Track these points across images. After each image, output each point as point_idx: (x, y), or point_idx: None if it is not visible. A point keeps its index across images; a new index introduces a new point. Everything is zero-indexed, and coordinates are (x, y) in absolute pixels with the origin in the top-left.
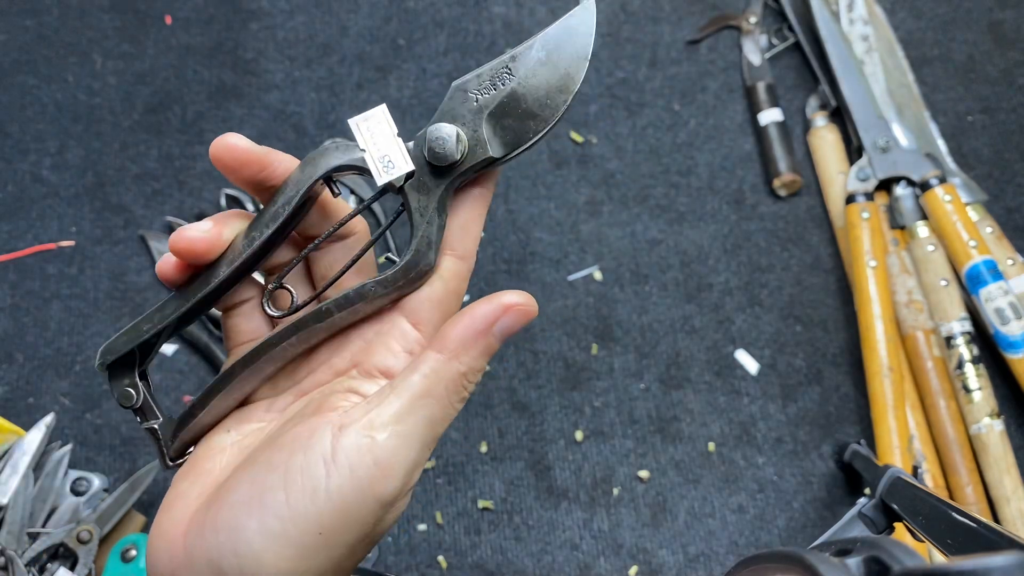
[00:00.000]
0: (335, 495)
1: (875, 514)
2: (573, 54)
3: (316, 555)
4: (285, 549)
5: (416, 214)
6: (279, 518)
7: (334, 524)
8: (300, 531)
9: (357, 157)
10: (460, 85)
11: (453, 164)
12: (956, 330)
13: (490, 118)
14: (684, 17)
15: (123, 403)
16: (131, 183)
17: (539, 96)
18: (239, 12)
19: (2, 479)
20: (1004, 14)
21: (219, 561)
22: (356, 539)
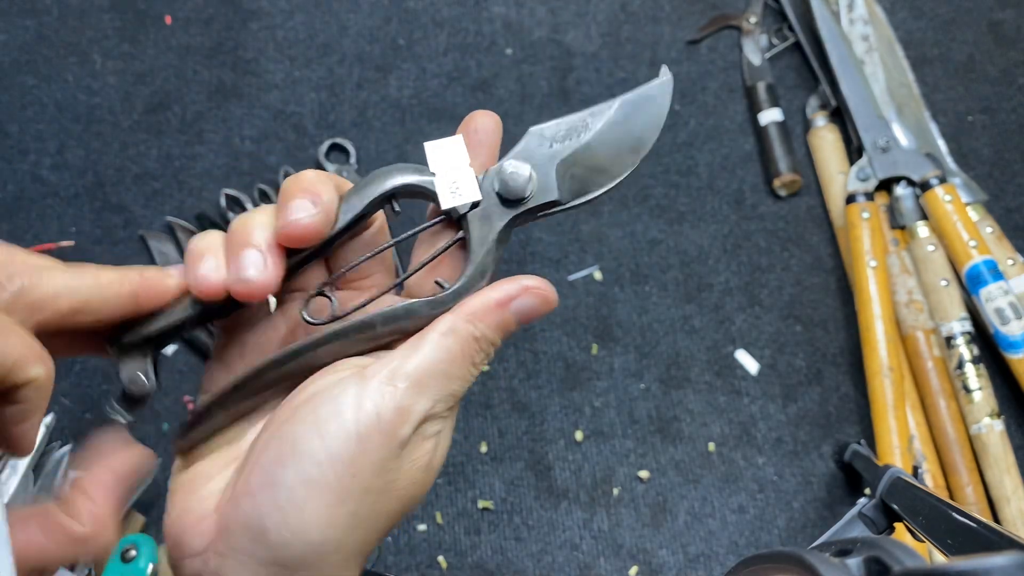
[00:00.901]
0: (365, 438)
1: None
2: (648, 120)
3: (354, 500)
4: (325, 494)
5: (476, 243)
6: (316, 463)
7: (366, 467)
8: (337, 474)
9: (427, 179)
10: (537, 131)
11: (522, 199)
12: (956, 330)
13: (561, 165)
14: (684, 17)
15: (130, 387)
16: (131, 183)
17: (611, 153)
18: (239, 12)
19: (2, 479)
20: (1004, 14)
21: (261, 521)
22: (385, 484)
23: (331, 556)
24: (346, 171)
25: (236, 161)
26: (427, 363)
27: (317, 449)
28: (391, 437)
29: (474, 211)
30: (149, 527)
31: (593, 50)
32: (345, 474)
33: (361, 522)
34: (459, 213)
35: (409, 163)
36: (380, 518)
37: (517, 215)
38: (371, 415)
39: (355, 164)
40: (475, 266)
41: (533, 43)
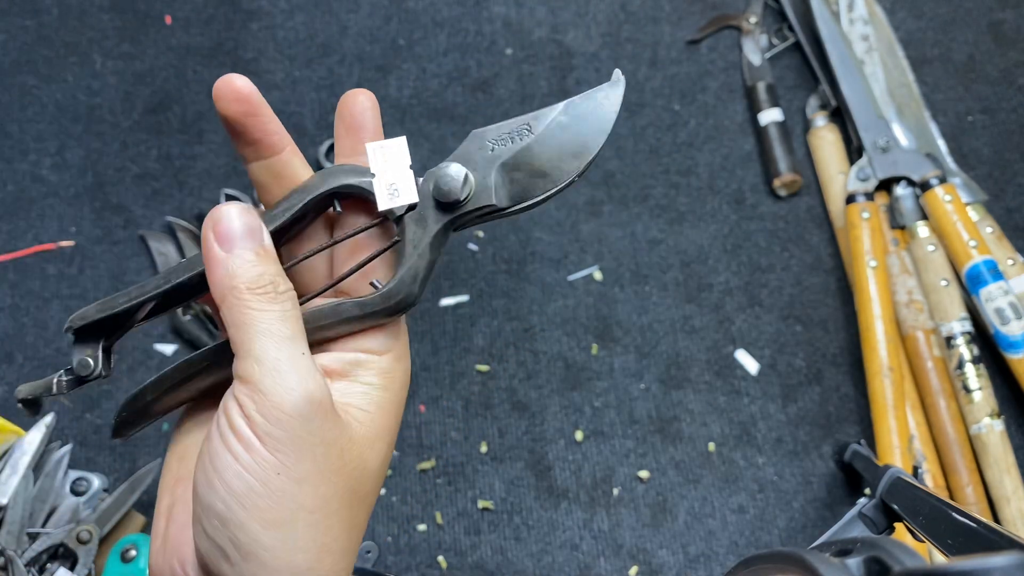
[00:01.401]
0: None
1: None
2: (595, 124)
3: (285, 496)
4: (255, 500)
5: (409, 245)
6: (234, 473)
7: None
8: (253, 477)
9: (365, 180)
10: (479, 133)
11: (457, 202)
12: (956, 330)
13: (501, 168)
14: (684, 17)
15: (80, 371)
16: (131, 183)
17: (552, 157)
18: (239, 12)
19: (2, 479)
20: (1004, 14)
21: (218, 544)
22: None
23: (301, 556)
24: None
25: (236, 161)
26: (236, 343)
27: (227, 461)
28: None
29: (411, 213)
30: (149, 527)
31: (593, 50)
32: (268, 477)
33: (314, 515)
34: (396, 215)
35: (352, 164)
36: (335, 502)
37: (453, 218)
38: (228, 426)
39: None
40: (406, 268)
41: (533, 43)
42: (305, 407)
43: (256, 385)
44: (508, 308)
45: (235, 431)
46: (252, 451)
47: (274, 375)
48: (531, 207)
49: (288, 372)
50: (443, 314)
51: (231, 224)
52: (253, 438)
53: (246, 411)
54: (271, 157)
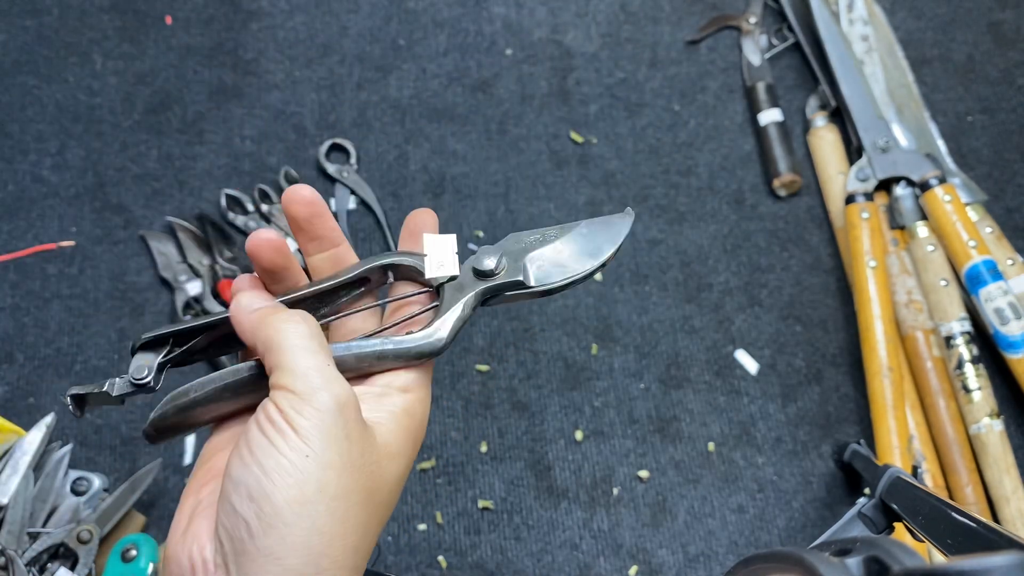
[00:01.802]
0: (297, 423)
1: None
2: (608, 237)
3: (315, 473)
4: (284, 477)
5: (445, 305)
6: (267, 453)
7: (314, 445)
8: (287, 458)
9: (417, 258)
10: (515, 235)
11: (491, 272)
12: (956, 330)
13: (531, 259)
14: (684, 17)
15: (135, 375)
16: (131, 183)
17: (573, 255)
18: (239, 12)
19: (2, 479)
20: (1004, 14)
21: (244, 518)
22: (340, 459)
23: (316, 541)
24: (346, 171)
25: (236, 161)
26: (293, 372)
27: (262, 442)
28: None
29: (451, 283)
30: (149, 527)
31: (593, 50)
32: (297, 455)
33: (337, 503)
34: (438, 282)
35: (406, 250)
36: (355, 497)
37: (486, 287)
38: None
39: (355, 164)
40: (439, 321)
41: (533, 43)
42: (332, 404)
43: (290, 389)
44: (508, 308)
45: (271, 422)
46: (285, 436)
47: (305, 379)
48: (551, 291)
49: (317, 377)
50: None
51: (239, 284)
52: (286, 426)
53: (281, 408)
54: (331, 250)
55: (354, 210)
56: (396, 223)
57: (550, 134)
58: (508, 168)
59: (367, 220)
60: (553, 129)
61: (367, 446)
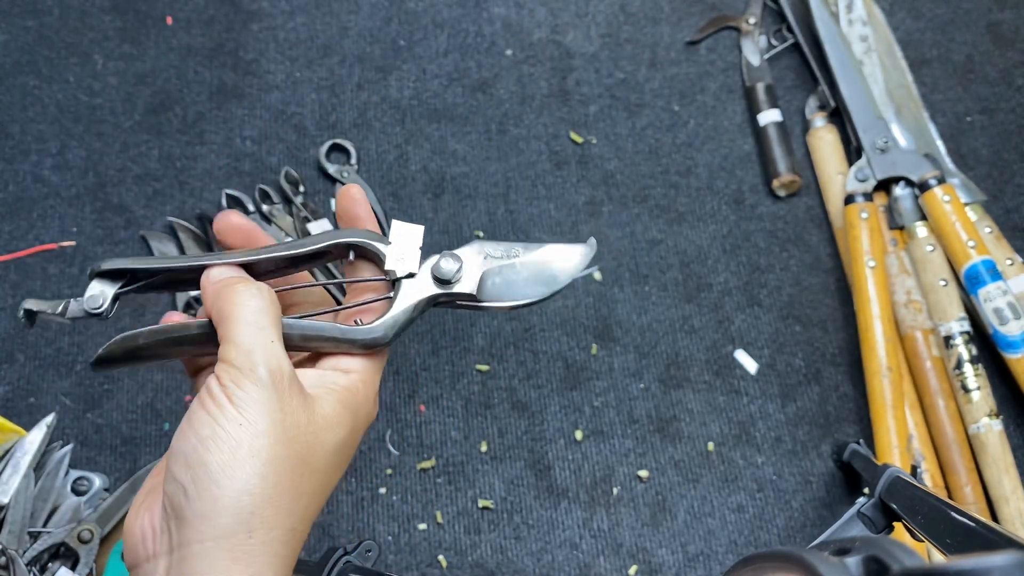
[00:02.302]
0: (232, 393)
1: (874, 513)
2: (565, 267)
3: (245, 440)
4: (215, 443)
5: (398, 302)
6: (201, 422)
7: (246, 414)
8: (218, 428)
9: (382, 245)
10: (479, 244)
11: (447, 281)
12: (955, 330)
13: (487, 273)
14: (683, 18)
15: (89, 305)
16: (132, 183)
17: (529, 278)
18: (240, 13)
19: (3, 479)
20: (1003, 15)
21: (181, 483)
22: (270, 426)
23: (248, 503)
24: (347, 171)
25: (237, 161)
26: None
27: (200, 415)
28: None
29: (408, 280)
30: None
31: (593, 51)
32: (228, 425)
33: (268, 468)
34: (395, 276)
35: (374, 232)
36: (288, 464)
37: (439, 294)
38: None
39: (355, 164)
40: (389, 317)
41: (533, 44)
42: (267, 377)
43: (232, 362)
44: None
45: (212, 396)
46: (221, 407)
47: (248, 355)
48: (499, 308)
49: (257, 351)
50: (443, 314)
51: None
52: (224, 400)
53: (221, 381)
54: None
55: None
56: None
57: (550, 134)
58: (508, 168)
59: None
60: (553, 129)
61: (303, 417)
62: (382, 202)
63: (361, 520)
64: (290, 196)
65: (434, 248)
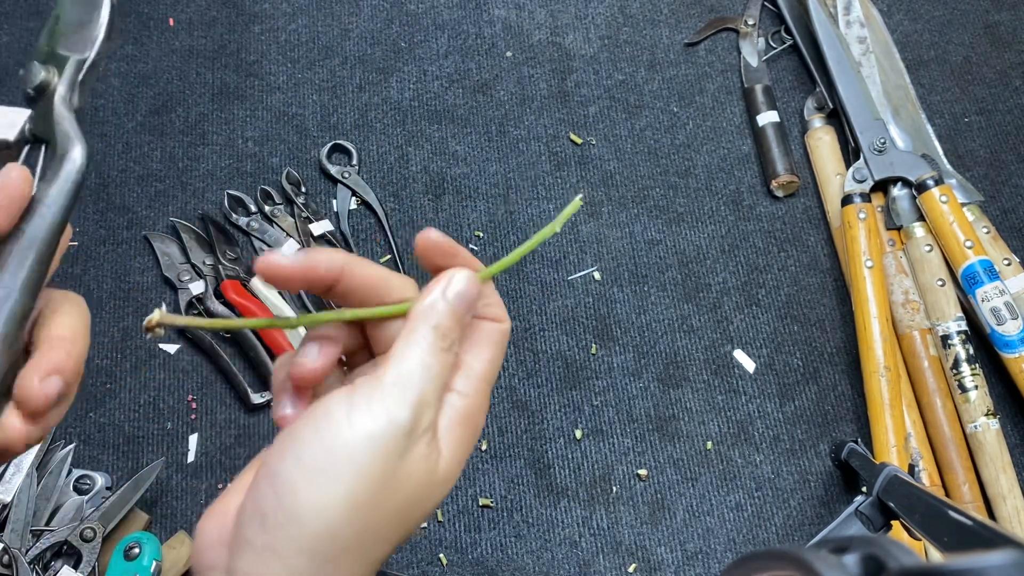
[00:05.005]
0: (358, 425)
1: (872, 512)
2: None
3: (349, 487)
4: (317, 476)
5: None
6: (311, 450)
7: (360, 453)
8: (331, 459)
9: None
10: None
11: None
12: (952, 330)
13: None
14: (682, 19)
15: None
16: (134, 184)
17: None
18: (242, 15)
19: (6, 477)
20: (1000, 16)
21: (260, 507)
22: (384, 473)
23: (328, 547)
24: (348, 172)
25: (239, 162)
26: (404, 369)
27: (311, 439)
28: (387, 424)
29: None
30: (153, 525)
31: (592, 52)
32: (339, 459)
33: (361, 514)
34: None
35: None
36: (382, 515)
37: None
38: (362, 409)
39: (356, 165)
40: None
41: (533, 46)
42: (408, 418)
43: (384, 385)
44: (508, 307)
45: (330, 419)
46: (337, 437)
47: (403, 388)
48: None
49: (414, 386)
50: None
51: (472, 292)
52: (346, 427)
53: (354, 404)
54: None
55: (355, 211)
56: (397, 224)
57: (550, 135)
58: (508, 169)
59: (368, 221)
60: (553, 130)
61: (421, 471)
62: (383, 203)
63: None
64: (292, 197)
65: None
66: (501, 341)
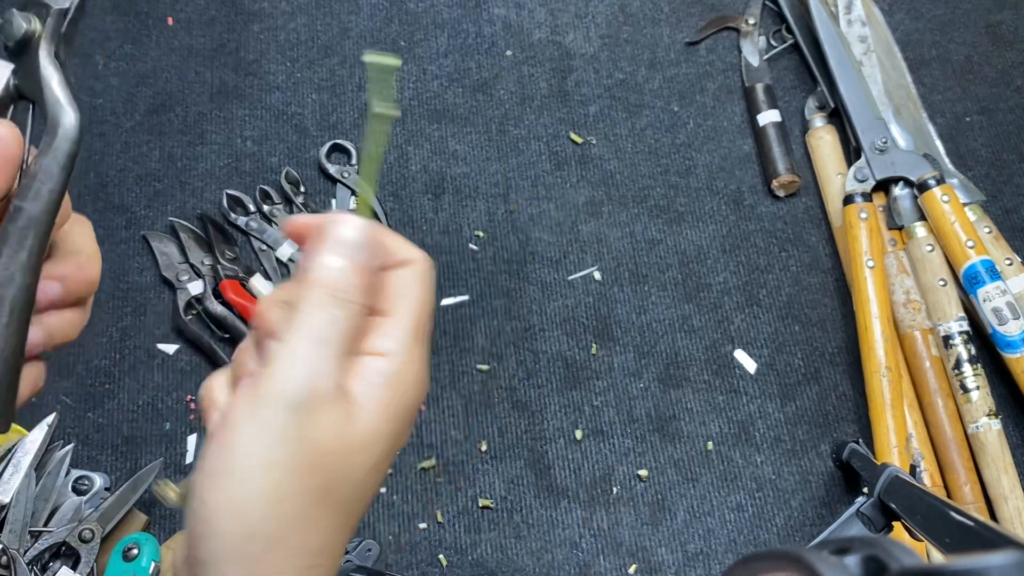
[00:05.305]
0: (246, 417)
1: (873, 513)
2: None
3: (250, 477)
4: (220, 480)
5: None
6: (211, 456)
7: (254, 444)
8: (229, 459)
9: None
10: None
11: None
12: (954, 330)
13: None
14: (683, 18)
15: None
16: (133, 184)
17: None
18: (241, 13)
19: (4, 478)
20: (1002, 15)
21: (190, 526)
22: (288, 457)
23: (252, 547)
24: (347, 171)
25: (238, 162)
26: (291, 343)
27: (211, 443)
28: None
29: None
30: (151, 526)
31: (592, 52)
32: (237, 456)
33: (277, 506)
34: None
35: None
36: (304, 499)
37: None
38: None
39: (356, 164)
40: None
41: (533, 45)
42: (293, 398)
43: (268, 356)
44: (508, 308)
45: (224, 420)
46: (228, 434)
47: (289, 355)
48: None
49: (301, 359)
50: (444, 314)
51: (353, 236)
52: (234, 424)
53: (236, 402)
54: None
55: (355, 210)
56: (397, 223)
57: (550, 135)
58: (508, 168)
59: None
60: (553, 130)
61: (333, 442)
62: (382, 202)
63: (362, 519)
64: (291, 196)
65: (433, 249)
66: (419, 283)
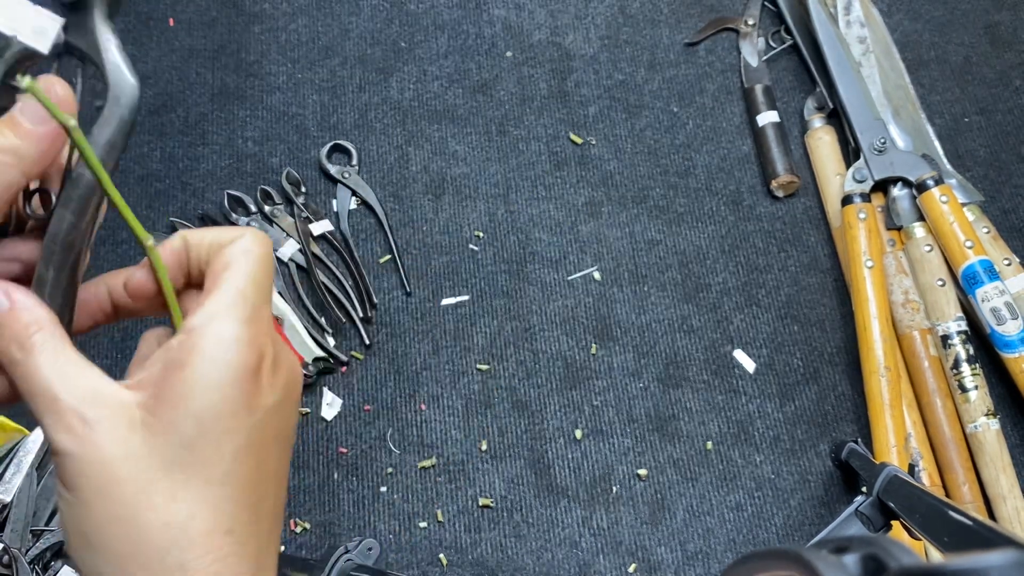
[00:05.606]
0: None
1: (872, 512)
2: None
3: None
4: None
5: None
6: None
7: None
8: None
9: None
10: None
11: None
12: (952, 330)
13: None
14: (682, 19)
15: None
16: (134, 184)
17: None
18: (242, 15)
19: (6, 477)
20: (1000, 16)
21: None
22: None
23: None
24: (348, 172)
25: (239, 162)
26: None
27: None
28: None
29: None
30: None
31: (592, 52)
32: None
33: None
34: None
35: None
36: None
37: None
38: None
39: (356, 165)
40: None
41: (533, 45)
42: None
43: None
44: (508, 308)
45: None
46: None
47: (52, 400)
48: None
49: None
50: (444, 313)
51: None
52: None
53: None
54: None
55: (355, 210)
56: (397, 224)
57: (550, 135)
58: (508, 169)
59: (368, 220)
60: (552, 130)
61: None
62: (383, 203)
63: (362, 518)
64: (292, 197)
65: (434, 249)
66: (242, 256)
